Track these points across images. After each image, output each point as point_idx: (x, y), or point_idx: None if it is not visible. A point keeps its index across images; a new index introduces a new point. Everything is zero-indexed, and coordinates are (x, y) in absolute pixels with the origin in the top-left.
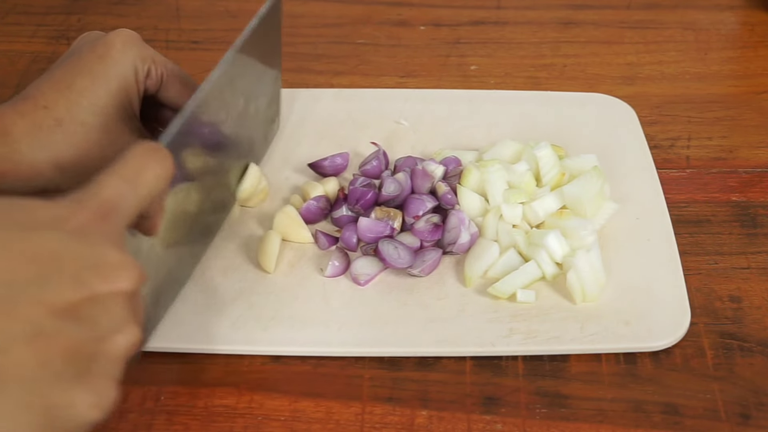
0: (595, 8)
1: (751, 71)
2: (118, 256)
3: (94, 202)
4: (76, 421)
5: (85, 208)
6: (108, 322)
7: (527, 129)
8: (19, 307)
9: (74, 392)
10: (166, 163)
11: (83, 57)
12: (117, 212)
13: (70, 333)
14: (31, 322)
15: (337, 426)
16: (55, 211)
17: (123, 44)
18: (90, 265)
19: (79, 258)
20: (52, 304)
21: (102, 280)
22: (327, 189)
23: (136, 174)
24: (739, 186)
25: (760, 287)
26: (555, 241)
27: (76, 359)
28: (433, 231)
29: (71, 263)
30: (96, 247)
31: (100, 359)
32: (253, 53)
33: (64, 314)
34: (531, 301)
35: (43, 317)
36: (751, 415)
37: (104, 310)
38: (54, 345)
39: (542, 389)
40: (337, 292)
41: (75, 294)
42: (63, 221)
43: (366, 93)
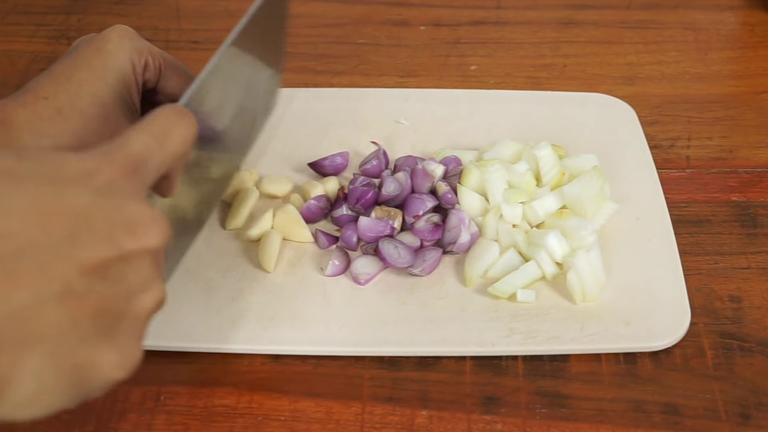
0: (595, 8)
1: (751, 71)
2: (148, 212)
3: (122, 155)
4: (100, 379)
5: (114, 162)
6: (136, 280)
7: (527, 129)
8: (50, 265)
9: (101, 351)
10: (192, 126)
11: (81, 52)
12: (144, 168)
13: (100, 291)
14: (62, 280)
15: (337, 426)
16: (85, 164)
17: (119, 38)
18: (121, 222)
19: (110, 215)
20: (83, 262)
21: (133, 238)
22: (327, 188)
23: (164, 133)
24: (739, 186)
25: (760, 287)
26: (555, 241)
27: (104, 318)
28: (433, 230)
29: (102, 221)
30: (126, 204)
31: (127, 318)
32: (252, 44)
33: (94, 272)
34: (531, 301)
35: (74, 276)
36: (751, 415)
37: (133, 267)
38: (84, 304)
39: (542, 389)
40: (337, 292)
41: (106, 252)
42: (92, 175)
43: (366, 93)
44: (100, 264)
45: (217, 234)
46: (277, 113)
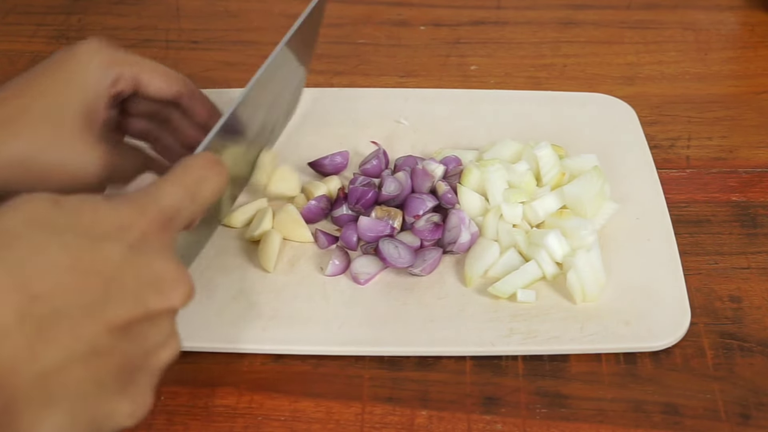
0: (595, 8)
1: (751, 71)
2: (175, 272)
3: (155, 210)
4: (111, 428)
5: (147, 217)
6: (157, 337)
7: (527, 129)
8: (81, 327)
9: (116, 403)
10: (224, 177)
11: (46, 64)
12: (175, 222)
13: (123, 350)
14: (90, 341)
15: (337, 426)
16: (119, 217)
17: (88, 52)
18: (150, 281)
19: (140, 274)
20: (111, 322)
21: (159, 298)
22: (330, 188)
23: (197, 185)
24: (739, 186)
25: (760, 287)
26: (555, 240)
27: (124, 373)
28: (434, 230)
29: (132, 280)
30: (156, 262)
31: (144, 371)
32: (298, 42)
33: (120, 331)
34: (531, 301)
35: (101, 336)
36: (751, 415)
37: (155, 325)
38: (108, 362)
39: (542, 389)
40: (337, 292)
41: (134, 311)
42: (126, 229)
43: (366, 93)
44: (126, 323)
45: (217, 234)
46: None
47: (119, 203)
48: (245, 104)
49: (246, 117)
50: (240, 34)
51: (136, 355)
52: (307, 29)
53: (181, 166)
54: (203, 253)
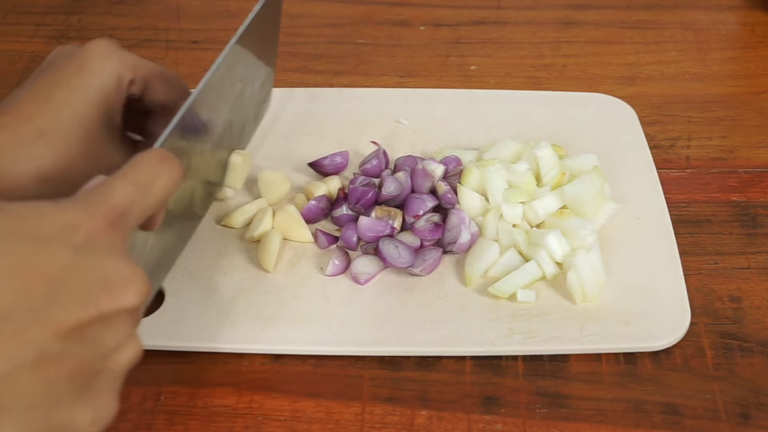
0: (595, 8)
1: (751, 71)
2: (126, 270)
3: (104, 208)
4: None
5: (95, 216)
6: (112, 339)
7: (527, 129)
8: (26, 332)
9: (75, 410)
10: (176, 172)
11: (61, 69)
12: (126, 219)
13: (76, 353)
14: (37, 346)
15: (337, 426)
16: (66, 218)
17: (101, 55)
18: (98, 282)
19: (88, 274)
20: (59, 325)
21: (110, 298)
22: (330, 188)
23: (148, 181)
24: (739, 186)
25: (760, 287)
26: (555, 240)
27: (79, 378)
28: (433, 230)
29: (80, 281)
30: (105, 261)
31: (102, 375)
32: (252, 39)
33: (70, 335)
34: (531, 301)
35: (49, 340)
36: (751, 415)
37: (109, 327)
38: (59, 367)
39: (542, 389)
40: (337, 291)
41: (83, 313)
42: (73, 230)
43: (366, 93)
44: (76, 326)
45: (217, 233)
46: (276, 113)
47: (66, 204)
48: (201, 102)
49: (205, 115)
50: None
51: (91, 359)
52: (261, 26)
53: (131, 163)
54: (203, 253)
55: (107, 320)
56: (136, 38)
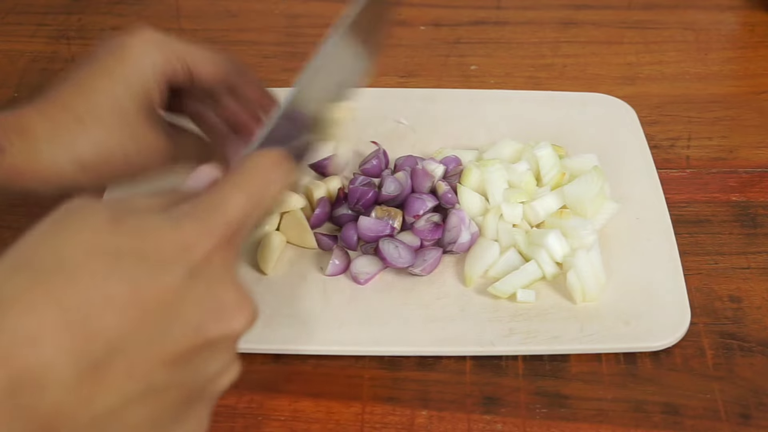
0: (595, 8)
1: (751, 71)
2: (237, 296)
3: (220, 225)
4: None
5: (211, 234)
6: (216, 366)
7: (527, 129)
8: (138, 364)
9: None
10: (289, 174)
11: (101, 59)
12: (240, 234)
13: (181, 382)
14: (147, 379)
15: (337, 426)
16: (182, 237)
17: (142, 45)
18: (210, 309)
19: (200, 300)
20: (168, 356)
21: (220, 326)
22: (329, 188)
23: (262, 191)
24: (739, 186)
25: (760, 287)
26: (555, 240)
27: (182, 407)
28: (433, 230)
29: (192, 307)
30: (217, 286)
31: (203, 398)
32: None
33: (177, 364)
34: (531, 301)
35: (158, 372)
36: (751, 415)
37: (215, 353)
38: (165, 399)
39: (542, 389)
40: (337, 291)
41: (193, 341)
42: (189, 251)
43: (366, 93)
44: (185, 355)
45: None
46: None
47: (182, 220)
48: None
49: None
50: (240, 34)
51: (194, 386)
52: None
53: (245, 168)
54: None
55: (214, 347)
56: None
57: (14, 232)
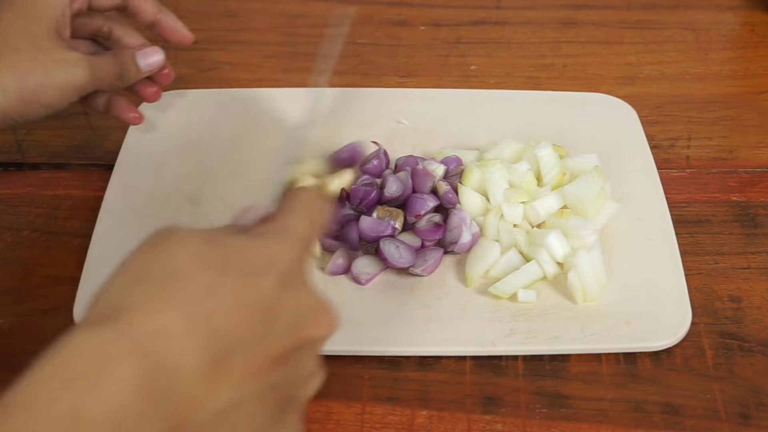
0: (595, 8)
1: (751, 71)
2: (320, 301)
3: (294, 240)
4: None
5: (290, 248)
6: (308, 367)
7: (528, 129)
8: (252, 362)
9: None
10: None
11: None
12: (308, 253)
13: (283, 382)
14: (260, 376)
15: (337, 426)
16: (270, 251)
17: None
18: (303, 312)
19: (293, 304)
20: (275, 354)
21: (312, 326)
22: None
23: (318, 218)
24: (739, 186)
25: (760, 287)
26: (556, 240)
27: (284, 405)
28: (434, 230)
29: (287, 312)
30: (303, 292)
31: (297, 402)
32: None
33: (280, 363)
34: (532, 301)
35: (269, 370)
36: (751, 415)
37: (307, 354)
38: (272, 396)
39: (542, 389)
40: (337, 291)
41: (292, 342)
42: (276, 263)
43: (366, 93)
44: (286, 354)
45: None
46: (277, 113)
47: (266, 238)
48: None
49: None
50: (240, 34)
51: (292, 387)
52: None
53: (302, 200)
54: None
55: (307, 348)
56: None
57: (14, 232)
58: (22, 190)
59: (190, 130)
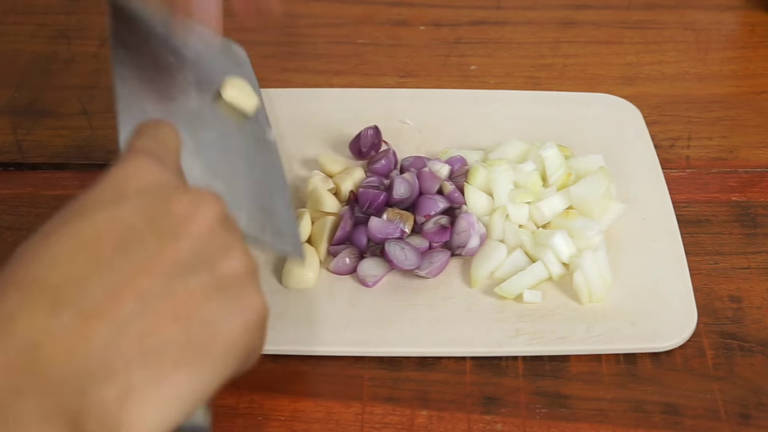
0: (595, 8)
1: (751, 71)
2: (197, 194)
3: (137, 155)
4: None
5: (135, 165)
6: (212, 253)
7: (533, 129)
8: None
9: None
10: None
11: None
12: (161, 156)
13: (193, 280)
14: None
15: (337, 426)
16: (119, 173)
17: None
18: (168, 209)
19: (157, 211)
20: (165, 262)
21: (188, 220)
22: (355, 179)
23: (160, 134)
24: (739, 186)
25: (760, 287)
26: (561, 241)
27: (214, 295)
28: (440, 232)
29: (155, 221)
30: (173, 193)
31: (228, 286)
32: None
33: (178, 268)
34: (537, 302)
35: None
36: (751, 415)
37: (203, 244)
38: (191, 297)
39: (542, 389)
40: (343, 292)
41: (174, 245)
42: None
43: (370, 93)
44: (178, 257)
45: None
46: (278, 114)
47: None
48: None
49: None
50: (240, 34)
51: (207, 277)
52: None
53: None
54: None
55: (198, 238)
56: None
57: (14, 232)
58: (22, 190)
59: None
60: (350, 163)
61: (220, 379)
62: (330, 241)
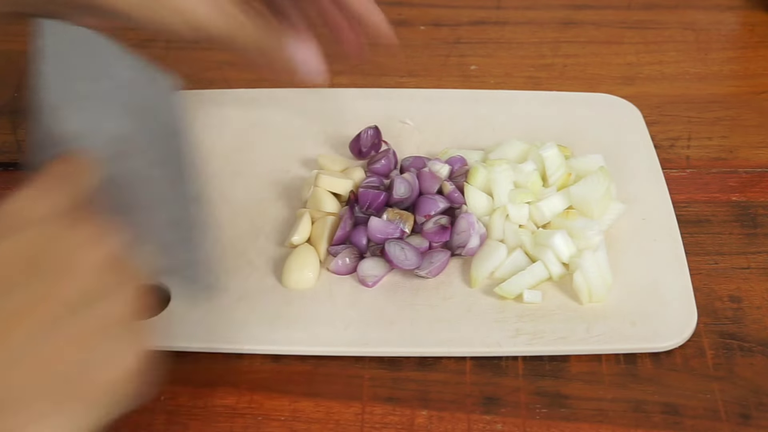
0: (595, 8)
1: (751, 71)
2: (76, 231)
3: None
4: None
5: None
6: (97, 295)
7: (532, 129)
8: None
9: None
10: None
11: None
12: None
13: (74, 320)
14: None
15: (337, 426)
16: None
17: None
18: (57, 247)
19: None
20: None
21: (74, 259)
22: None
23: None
24: (739, 186)
25: (760, 287)
26: (561, 241)
27: (91, 339)
28: (440, 232)
29: (38, 259)
30: (53, 227)
31: (108, 329)
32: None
33: (59, 308)
34: (537, 302)
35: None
36: (751, 415)
37: (87, 284)
38: (68, 340)
39: (542, 389)
40: (342, 292)
41: (59, 284)
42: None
43: (369, 93)
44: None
45: None
46: (278, 113)
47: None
48: None
49: None
50: None
51: (88, 317)
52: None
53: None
54: None
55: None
56: (137, 38)
57: None
58: None
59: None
60: (350, 163)
61: (93, 422)
62: (330, 241)
